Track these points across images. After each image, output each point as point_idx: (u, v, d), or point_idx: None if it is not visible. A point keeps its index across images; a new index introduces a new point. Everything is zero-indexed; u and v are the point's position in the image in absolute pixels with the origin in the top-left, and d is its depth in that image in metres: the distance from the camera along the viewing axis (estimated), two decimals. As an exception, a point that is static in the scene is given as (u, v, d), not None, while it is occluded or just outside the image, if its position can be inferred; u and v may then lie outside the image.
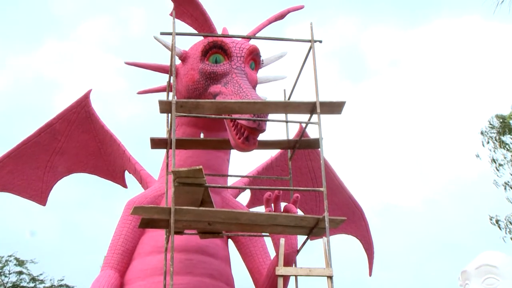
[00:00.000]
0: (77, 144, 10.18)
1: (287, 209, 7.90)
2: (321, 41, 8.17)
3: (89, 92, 10.02)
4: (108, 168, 10.28)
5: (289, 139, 8.95)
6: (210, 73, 8.59)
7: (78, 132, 10.11)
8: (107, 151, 10.12)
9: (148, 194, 9.08)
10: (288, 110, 8.01)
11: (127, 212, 8.82)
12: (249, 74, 8.71)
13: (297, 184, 10.13)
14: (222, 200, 9.05)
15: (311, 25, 8.12)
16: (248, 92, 8.03)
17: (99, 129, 10.03)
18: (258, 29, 9.25)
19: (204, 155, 8.83)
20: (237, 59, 8.62)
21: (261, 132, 7.92)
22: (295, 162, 10.10)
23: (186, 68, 8.92)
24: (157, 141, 8.44)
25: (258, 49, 8.99)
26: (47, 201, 10.39)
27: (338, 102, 7.85)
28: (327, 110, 7.90)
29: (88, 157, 10.27)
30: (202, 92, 8.65)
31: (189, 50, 9.10)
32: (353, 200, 10.47)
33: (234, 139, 7.96)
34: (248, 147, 7.95)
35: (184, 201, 7.51)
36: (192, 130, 8.91)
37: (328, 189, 9.03)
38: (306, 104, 7.85)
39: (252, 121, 7.74)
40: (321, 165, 7.56)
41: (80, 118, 10.04)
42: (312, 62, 8.00)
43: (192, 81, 8.74)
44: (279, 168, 10.20)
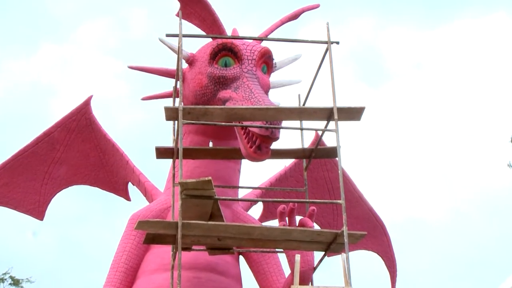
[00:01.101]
0: (77, 154, 10.25)
1: (303, 223, 7.91)
2: (338, 42, 8.20)
3: (90, 99, 10.09)
4: (110, 180, 10.33)
5: (304, 147, 8.97)
6: (219, 77, 8.64)
7: (78, 141, 10.17)
8: (109, 161, 10.18)
9: (154, 207, 9.12)
10: (303, 116, 8.04)
11: (131, 227, 8.85)
12: (261, 78, 8.75)
13: (313, 196, 10.13)
14: (233, 213, 9.07)
15: (327, 25, 8.15)
16: (260, 98, 8.07)
17: (101, 138, 10.09)
18: (271, 30, 9.30)
19: (213, 165, 8.86)
20: (248, 62, 8.66)
21: (274, 141, 7.94)
22: (310, 173, 10.10)
23: (193, 72, 8.97)
24: (163, 150, 8.49)
25: (271, 51, 9.02)
26: (44, 215, 10.45)
27: (357, 108, 7.87)
28: (345, 117, 7.91)
29: (89, 168, 10.33)
30: (210, 98, 8.70)
31: (197, 53, 9.16)
32: (374, 213, 10.45)
33: (246, 148, 7.99)
34: (260, 157, 7.98)
35: (192, 214, 7.54)
36: (200, 139, 8.95)
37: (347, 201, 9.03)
38: (323, 110, 7.87)
39: (265, 128, 7.77)
40: (339, 175, 7.57)
41: (80, 126, 10.11)
42: (329, 65, 8.02)
43: (200, 86, 8.79)
44: (294, 179, 10.21)
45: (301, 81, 9.87)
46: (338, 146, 7.72)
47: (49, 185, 10.33)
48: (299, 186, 9.98)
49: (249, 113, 7.76)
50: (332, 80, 7.91)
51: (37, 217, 10.44)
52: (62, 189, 10.47)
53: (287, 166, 10.28)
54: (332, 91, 7.87)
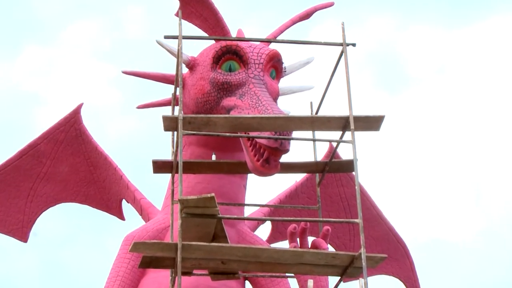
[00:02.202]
0: (66, 168, 10.30)
1: (316, 245, 7.93)
2: (354, 44, 8.24)
3: (80, 107, 10.15)
4: (102, 197, 10.37)
5: (317, 161, 9.00)
6: (223, 83, 8.69)
7: (66, 155, 10.23)
8: (101, 176, 10.22)
9: (150, 227, 9.15)
10: (316, 126, 8.07)
11: (125, 249, 8.88)
12: (269, 84, 8.79)
13: (327, 214, 10.15)
14: (238, 234, 9.10)
15: (342, 25, 8.18)
16: (268, 106, 8.11)
17: (92, 150, 10.15)
18: (280, 31, 9.35)
19: (217, 181, 8.90)
20: (255, 66, 8.71)
21: (284, 153, 7.97)
22: (324, 189, 10.12)
23: (194, 78, 9.03)
24: (161, 164, 8.53)
25: (280, 55, 9.08)
26: (29, 237, 10.48)
27: (376, 117, 7.89)
28: (363, 126, 7.95)
29: (79, 184, 10.38)
30: (213, 106, 8.75)
31: (198, 56, 9.22)
32: (395, 234, 10.46)
33: (252, 162, 8.02)
34: (269, 171, 8.01)
35: (193, 235, 7.57)
36: (202, 151, 9.00)
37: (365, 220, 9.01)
38: (338, 119, 7.90)
39: (274, 139, 7.81)
40: (355, 191, 7.59)
41: (69, 137, 10.16)
42: (344, 69, 8.05)
43: (201, 93, 8.85)
44: (306, 195, 10.23)
45: (314, 87, 9.91)
46: (355, 159, 7.74)
47: (34, 203, 10.38)
48: (312, 203, 10.00)
49: (256, 123, 7.80)
50: (348, 86, 7.94)
51: (21, 239, 10.47)
52: (48, 207, 10.51)
53: (298, 182, 10.30)
54: (347, 98, 7.89)
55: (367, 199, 10.27)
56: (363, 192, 10.14)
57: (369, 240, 9.88)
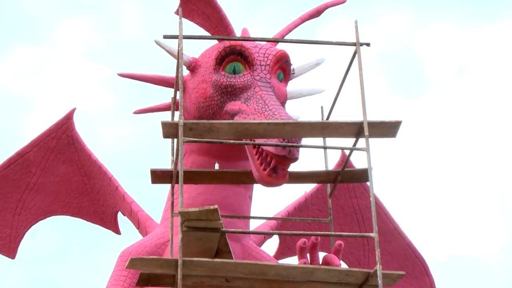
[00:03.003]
0: (57, 178, 10.33)
1: (328, 261, 7.94)
2: (368, 44, 8.25)
3: (72, 112, 10.20)
4: (96, 209, 10.40)
5: (328, 170, 9.01)
6: (226, 86, 8.72)
7: (58, 163, 10.26)
8: (95, 187, 10.26)
9: (148, 242, 9.17)
10: (327, 133, 8.08)
11: (121, 266, 8.90)
12: (276, 87, 8.82)
13: (340, 228, 10.15)
14: (243, 249, 9.12)
15: (355, 24, 8.20)
16: (276, 110, 8.13)
17: (85, 159, 10.19)
18: (288, 30, 9.38)
19: (220, 192, 8.93)
20: (261, 68, 8.74)
21: (292, 162, 7.99)
22: (336, 200, 10.14)
23: (196, 81, 9.06)
24: (160, 174, 8.55)
25: (288, 55, 9.10)
26: (16, 253, 10.51)
27: (392, 122, 7.90)
28: (378, 133, 7.96)
29: (71, 195, 10.41)
30: (216, 111, 8.78)
31: (200, 57, 9.25)
32: (413, 250, 10.46)
33: (258, 171, 8.04)
34: (276, 181, 8.03)
35: (195, 250, 7.58)
36: (204, 160, 9.03)
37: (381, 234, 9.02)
38: (351, 125, 7.91)
39: (281, 147, 7.83)
40: (370, 203, 7.59)
41: (60, 145, 10.21)
42: (358, 71, 8.07)
43: (203, 96, 8.88)
44: (316, 207, 10.24)
45: (325, 90, 9.93)
46: (370, 168, 7.75)
47: (22, 216, 10.40)
48: (323, 216, 10.00)
49: (262, 129, 7.82)
50: (362, 89, 7.96)
51: (8, 255, 10.50)
52: (38, 220, 10.54)
53: (307, 192, 10.31)
54: (361, 103, 7.90)
55: (383, 211, 10.27)
56: (379, 203, 10.14)
57: (385, 256, 9.87)
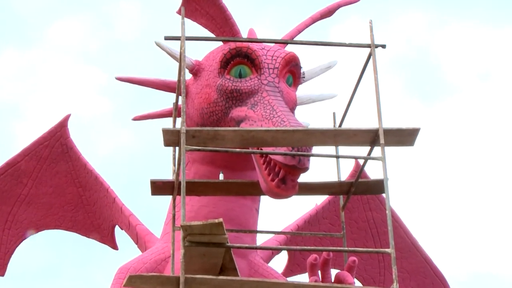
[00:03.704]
0: (50, 190, 10.35)
1: (340, 279, 7.93)
2: (384, 46, 8.26)
3: (67, 119, 10.22)
4: (91, 223, 10.41)
5: (341, 181, 9.01)
6: (232, 91, 8.74)
7: (51, 174, 10.28)
8: (91, 199, 10.27)
9: (148, 258, 9.18)
10: (339, 141, 8.09)
11: (119, 283, 8.90)
12: (285, 92, 8.83)
13: (353, 243, 10.14)
14: (250, 265, 9.11)
15: (370, 24, 8.21)
16: (285, 117, 8.14)
17: (81, 169, 10.20)
18: (297, 31, 9.39)
19: (225, 204, 8.94)
20: (269, 71, 8.75)
21: (302, 172, 7.99)
22: (350, 213, 10.13)
23: (199, 85, 9.09)
24: (160, 185, 8.56)
25: (298, 58, 9.12)
26: (6, 270, 10.51)
27: (410, 130, 7.90)
28: (395, 141, 7.95)
29: (65, 208, 10.42)
30: (221, 117, 8.79)
31: (204, 60, 9.27)
32: (433, 267, 10.44)
33: (266, 182, 8.05)
34: (285, 192, 8.03)
35: (198, 267, 7.58)
36: (208, 170, 9.03)
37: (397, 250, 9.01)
38: (365, 132, 7.92)
39: (291, 156, 7.83)
40: (386, 216, 7.58)
41: (54, 154, 10.22)
42: (373, 75, 8.07)
43: (207, 102, 8.89)
44: (328, 221, 10.23)
45: (337, 95, 9.94)
46: (386, 179, 7.75)
47: (13, 230, 10.42)
48: (335, 230, 9.99)
49: (270, 137, 7.83)
50: (377, 94, 7.96)
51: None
52: (30, 235, 10.53)
53: (319, 205, 10.31)
54: (376, 108, 7.91)
55: (400, 225, 10.26)
56: (395, 217, 10.13)
57: (402, 274, 9.87)
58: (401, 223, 10.33)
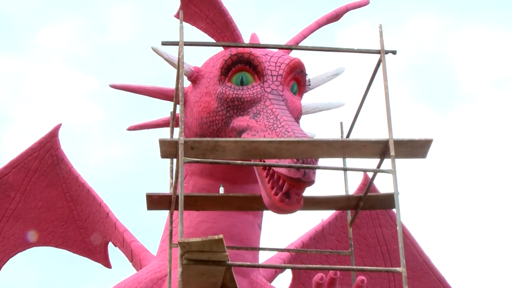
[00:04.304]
0: (39, 204, 10.36)
1: (348, 299, 7.94)
2: (395, 52, 8.27)
3: (57, 128, 10.24)
4: (83, 239, 10.41)
5: (349, 195, 9.02)
6: (233, 99, 8.76)
7: (40, 187, 10.29)
8: (83, 214, 10.27)
9: (143, 276, 9.16)
10: (347, 152, 8.10)
11: (112, 304, 8.93)
12: (289, 100, 8.85)
13: (362, 261, 10.13)
14: (252, 285, 9.10)
15: (380, 29, 8.22)
16: (289, 127, 8.15)
17: (72, 181, 10.21)
18: (303, 36, 9.41)
19: (225, 219, 8.95)
20: (272, 79, 8.77)
21: (308, 185, 8.00)
22: (358, 229, 10.13)
23: (198, 93, 9.11)
24: (157, 199, 8.56)
25: (303, 65, 9.14)
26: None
27: (422, 141, 7.91)
28: (406, 153, 7.96)
29: (55, 223, 10.43)
30: (221, 127, 8.81)
31: (203, 66, 9.30)
32: (446, 286, 10.43)
33: (269, 196, 8.05)
34: (289, 207, 8.03)
35: (196, 286, 7.58)
36: (208, 183, 9.05)
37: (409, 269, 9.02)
38: (374, 143, 7.93)
39: (295, 169, 7.84)
40: (397, 233, 7.58)
41: (43, 166, 10.24)
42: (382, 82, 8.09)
43: (207, 111, 8.91)
44: (335, 237, 10.23)
45: (345, 104, 9.95)
46: (396, 193, 7.75)
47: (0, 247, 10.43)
48: (342, 247, 9.99)
49: (273, 148, 7.84)
50: (387, 103, 7.97)
51: (-17, 291, 10.52)
52: (17, 252, 10.55)
53: (325, 220, 10.31)
54: (386, 118, 7.92)
55: (412, 242, 10.25)
56: (407, 234, 10.13)
57: (414, 294, 9.87)
58: (413, 240, 10.32)
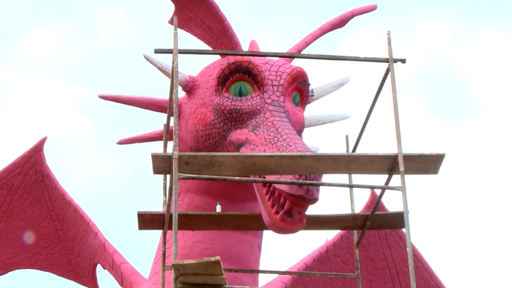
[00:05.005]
0: (22, 223, 10.36)
1: (354, 325, 7.95)
2: (404, 61, 8.29)
3: (42, 142, 10.24)
4: (70, 261, 10.40)
5: (355, 213, 9.03)
6: (231, 111, 8.78)
7: (23, 205, 10.28)
8: (70, 234, 10.27)
9: (134, 301, 9.20)
10: (353, 168, 8.11)
11: (101, 331, 8.94)
12: (291, 112, 8.87)
13: (369, 285, 10.14)
14: (251, 310, 9.12)
15: (388, 36, 8.24)
16: (291, 141, 8.17)
17: (58, 199, 10.21)
18: (305, 43, 9.45)
19: (223, 240, 8.96)
20: (272, 89, 8.80)
21: (311, 203, 8.02)
22: (365, 250, 10.13)
23: (194, 104, 9.13)
24: (149, 217, 8.56)
25: (306, 74, 9.16)
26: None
27: (433, 156, 7.92)
28: (416, 168, 7.97)
29: (39, 244, 10.42)
30: (218, 141, 8.83)
31: (199, 76, 9.32)
32: (460, 311, 10.47)
33: (270, 214, 8.06)
34: (291, 227, 8.04)
35: (192, 312, 7.59)
36: (204, 200, 9.07)
37: (419, 293, 9.05)
38: (383, 158, 7.94)
39: (298, 185, 7.86)
40: (407, 254, 7.59)
41: (27, 182, 10.24)
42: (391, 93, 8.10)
43: (203, 123, 8.93)
44: (340, 259, 10.23)
45: (350, 116, 9.98)
46: (406, 212, 7.76)
47: (-21, 270, 10.45)
48: (348, 270, 9.99)
49: (274, 163, 7.85)
50: (396, 115, 7.99)
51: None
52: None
53: (329, 241, 10.32)
54: (395, 131, 7.93)
55: (423, 265, 10.25)
56: (417, 255, 10.14)
57: (425, 320, 9.89)
58: (424, 262, 10.32)
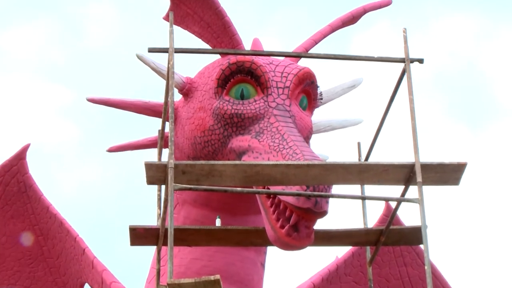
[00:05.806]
0: (3, 239, 10.35)
1: None
2: (422, 61, 8.29)
3: (25, 150, 10.24)
4: (54, 280, 10.40)
5: (368, 228, 9.03)
6: (232, 115, 8.78)
7: (4, 218, 10.29)
8: (55, 250, 10.27)
9: (125, 324, 9.21)
10: (366, 178, 8.11)
11: None
12: (298, 117, 8.87)
13: (383, 306, 10.16)
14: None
15: (404, 34, 8.25)
16: (297, 148, 8.17)
17: (42, 212, 10.20)
18: (313, 42, 9.46)
19: (223, 257, 8.95)
20: (277, 91, 8.80)
21: (320, 217, 8.02)
22: (379, 269, 10.13)
23: (191, 108, 9.13)
24: (142, 232, 8.56)
25: (314, 75, 9.17)
26: None
27: (454, 165, 7.92)
28: (435, 179, 7.96)
29: (21, 261, 10.42)
30: (218, 148, 8.83)
31: (197, 77, 9.33)
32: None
33: (274, 229, 8.06)
34: (298, 242, 8.04)
35: (189, 336, 7.58)
36: (202, 213, 9.08)
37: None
38: (398, 167, 7.93)
39: (305, 197, 7.85)
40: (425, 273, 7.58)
41: (8, 193, 10.24)
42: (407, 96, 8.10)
43: (201, 129, 8.93)
44: (351, 278, 10.23)
45: (363, 121, 9.98)
46: (424, 226, 7.74)
47: (-45, 290, 10.45)
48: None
49: (279, 173, 7.85)
50: (413, 120, 7.99)
51: None
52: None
53: (340, 258, 10.31)
54: (412, 138, 7.93)
55: (442, 284, 10.25)
56: (436, 274, 10.12)
57: None
58: (444, 281, 10.32)
